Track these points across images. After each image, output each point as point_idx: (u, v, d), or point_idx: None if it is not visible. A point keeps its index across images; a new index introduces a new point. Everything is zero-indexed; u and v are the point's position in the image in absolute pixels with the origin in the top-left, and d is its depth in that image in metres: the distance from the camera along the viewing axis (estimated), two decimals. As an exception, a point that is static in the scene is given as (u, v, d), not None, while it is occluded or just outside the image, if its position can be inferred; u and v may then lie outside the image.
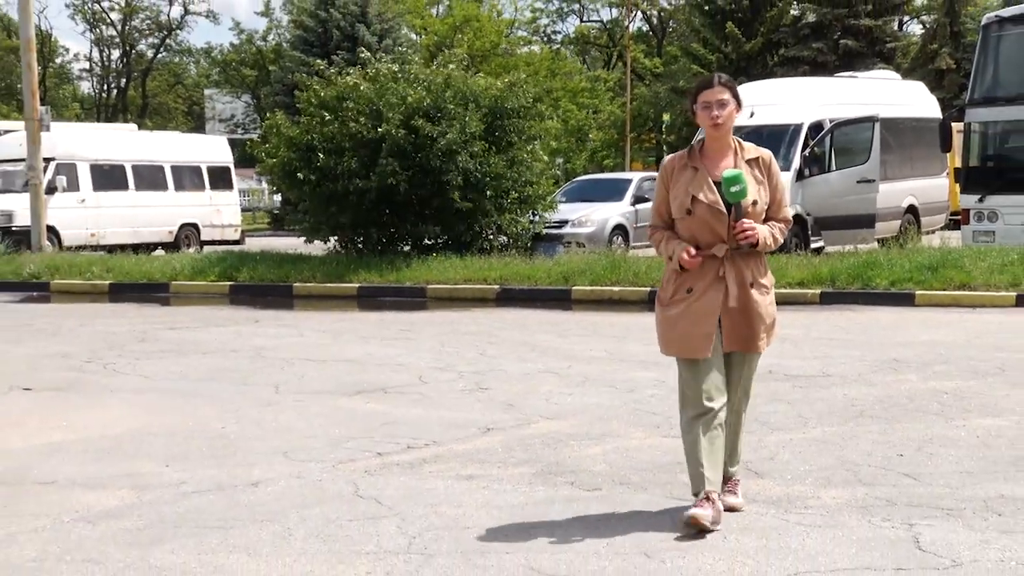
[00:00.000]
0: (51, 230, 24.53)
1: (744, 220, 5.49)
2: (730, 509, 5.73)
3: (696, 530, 5.39)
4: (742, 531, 5.59)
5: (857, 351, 11.32)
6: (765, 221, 5.71)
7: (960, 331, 12.62)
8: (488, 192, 19.74)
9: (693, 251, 5.52)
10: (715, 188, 5.57)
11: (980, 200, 18.81)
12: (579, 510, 6.02)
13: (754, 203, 5.60)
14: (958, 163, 21.01)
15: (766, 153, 5.82)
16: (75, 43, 65.54)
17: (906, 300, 15.39)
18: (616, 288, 16.62)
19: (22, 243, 23.58)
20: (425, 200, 19.52)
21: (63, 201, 26.19)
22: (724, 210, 5.55)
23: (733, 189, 5.42)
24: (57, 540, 5.71)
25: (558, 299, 16.67)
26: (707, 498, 5.50)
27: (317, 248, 21.70)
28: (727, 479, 5.88)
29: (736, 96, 5.70)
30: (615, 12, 65.37)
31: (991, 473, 6.61)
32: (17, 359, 11.87)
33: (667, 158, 5.96)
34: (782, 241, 5.86)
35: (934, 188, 23.88)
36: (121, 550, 5.53)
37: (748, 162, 5.70)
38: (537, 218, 21.58)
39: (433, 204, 19.51)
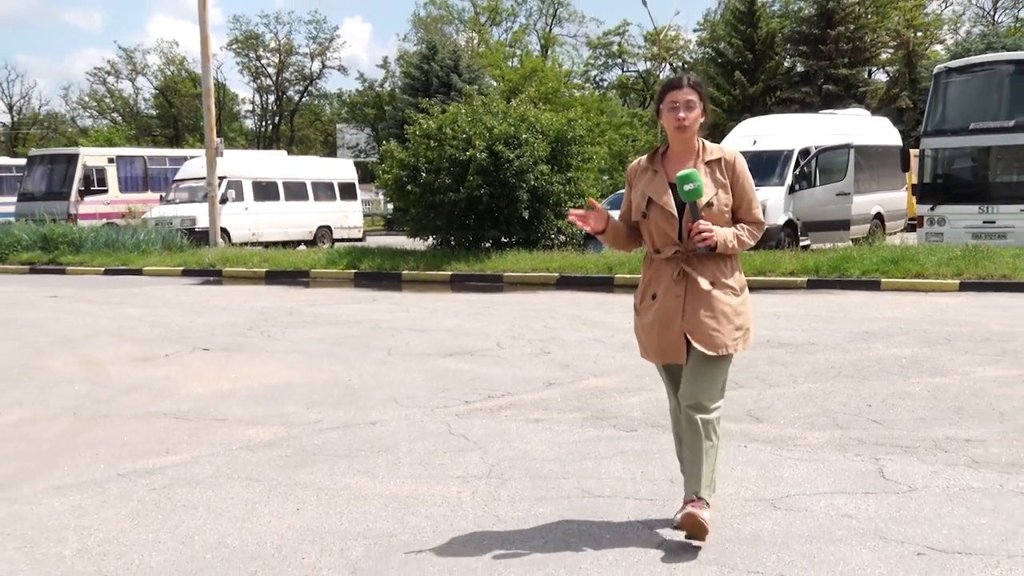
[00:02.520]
0: (223, 231, 24.85)
1: (700, 221, 4.21)
2: (679, 524, 4.32)
3: (694, 535, 4.26)
4: (746, 464, 5.55)
5: (835, 325, 11.18)
6: (735, 222, 4.42)
7: (916, 310, 12.45)
8: (550, 201, 19.74)
9: (580, 217, 4.41)
10: (671, 190, 4.32)
11: (932, 209, 18.69)
12: (620, 446, 6.01)
13: (708, 204, 4.28)
14: (915, 180, 20.95)
15: (730, 153, 4.45)
16: (242, 90, 66.75)
17: (874, 286, 15.21)
18: (648, 276, 16.53)
19: (202, 240, 23.94)
20: (501, 208, 19.51)
21: (232, 209, 26.53)
22: (675, 212, 4.30)
23: (686, 188, 4.19)
24: (227, 463, 5.82)
25: (604, 284, 16.61)
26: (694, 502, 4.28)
27: (419, 244, 21.80)
28: (696, 500, 4.31)
29: (704, 99, 4.39)
30: (648, 64, 65.05)
31: (939, 420, 6.53)
32: (199, 327, 12.04)
33: (633, 162, 4.60)
34: (752, 243, 4.47)
35: (896, 199, 23.77)
36: (274, 471, 5.61)
37: (709, 163, 4.38)
38: (587, 222, 21.51)
39: (507, 211, 19.50)
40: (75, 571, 4.17)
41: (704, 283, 4.31)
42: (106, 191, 31.56)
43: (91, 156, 32.70)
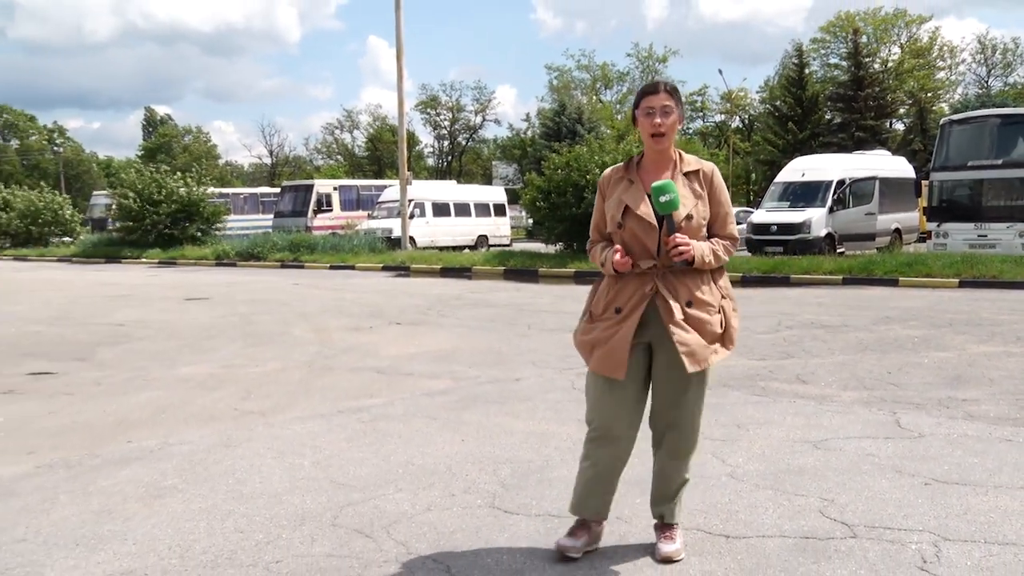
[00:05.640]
0: (411, 238, 25.31)
1: (677, 235, 3.00)
2: (666, 560, 3.17)
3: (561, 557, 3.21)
4: (794, 415, 5.38)
5: (864, 312, 10.71)
6: (709, 237, 3.17)
7: (925, 301, 11.83)
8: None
9: (627, 260, 3.08)
10: (649, 201, 3.08)
11: (938, 225, 18.12)
12: (697, 400, 5.89)
13: (688, 217, 3.07)
14: (925, 204, 20.34)
15: (708, 166, 3.19)
16: (425, 138, 67.97)
17: (893, 283, 14.55)
18: (720, 274, 16.20)
19: (396, 245, 24.46)
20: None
21: (417, 222, 27.01)
22: (655, 224, 3.06)
23: (662, 199, 3.00)
24: (413, 405, 5.91)
25: (686, 279, 16.33)
26: (582, 525, 3.26)
27: (551, 248, 21.80)
28: (666, 526, 3.30)
29: (680, 106, 3.12)
30: (723, 117, 63.37)
31: (942, 384, 6.22)
32: (392, 307, 12.31)
33: (606, 171, 3.28)
34: (727, 259, 3.17)
35: (910, 218, 22.94)
36: (446, 411, 5.69)
37: (687, 175, 3.14)
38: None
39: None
40: (311, 476, 4.32)
41: (680, 300, 3.08)
42: (331, 210, 32.56)
43: (322, 186, 33.80)
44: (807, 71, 47.27)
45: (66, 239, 34.51)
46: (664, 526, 3.33)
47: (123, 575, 3.17)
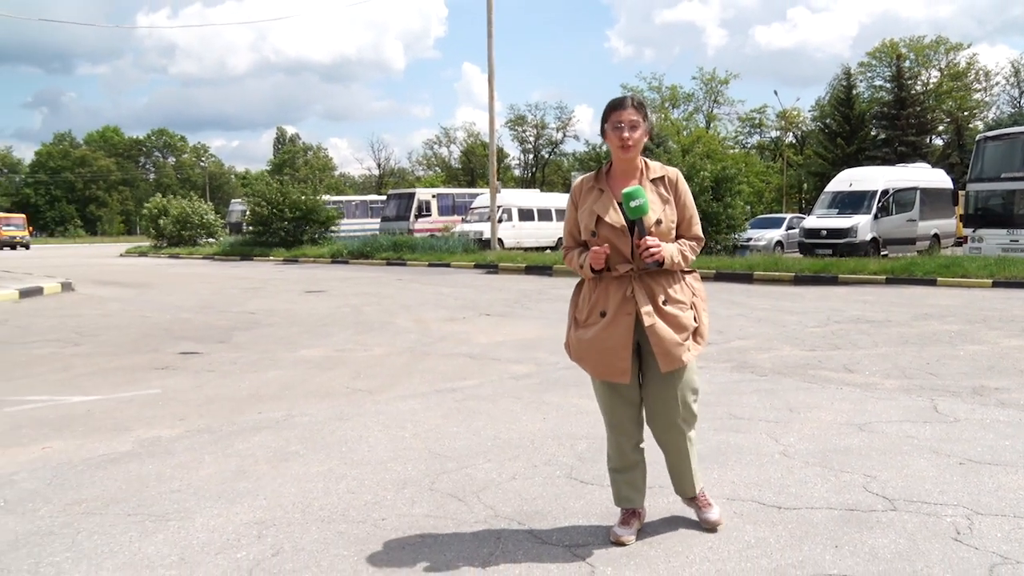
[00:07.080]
0: (500, 240, 25.39)
1: (647, 238, 2.84)
2: (713, 526, 3.11)
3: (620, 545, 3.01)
4: (841, 400, 5.21)
5: (905, 308, 10.23)
6: (677, 239, 3.00)
7: (961, 299, 11.24)
8: (712, 220, 19.21)
9: (603, 248, 2.88)
10: (619, 208, 2.91)
11: (974, 231, 17.53)
12: (755, 386, 5.74)
13: (658, 222, 2.90)
14: (962, 211, 19.66)
15: (672, 171, 3.01)
16: (512, 151, 68.25)
17: (932, 283, 13.90)
18: (775, 272, 15.67)
19: (486, 246, 24.61)
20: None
21: (505, 226, 27.09)
22: (626, 229, 2.89)
23: (632, 204, 2.82)
24: (500, 387, 5.94)
25: (746, 278, 15.86)
26: (633, 513, 3.12)
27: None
28: (693, 497, 3.20)
29: (647, 119, 2.96)
30: (778, 133, 61.36)
31: (976, 374, 5.93)
32: (482, 300, 12.38)
33: (576, 180, 3.09)
34: (693, 259, 2.99)
35: (948, 225, 22.12)
36: (529, 393, 5.70)
37: (653, 181, 2.97)
38: (736, 236, 20.76)
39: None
40: (411, 447, 4.40)
41: (657, 300, 2.93)
42: (430, 215, 32.98)
43: (422, 193, 34.24)
44: (854, 92, 46.17)
45: (210, 240, 36.23)
46: (691, 499, 3.21)
47: (256, 524, 3.33)
